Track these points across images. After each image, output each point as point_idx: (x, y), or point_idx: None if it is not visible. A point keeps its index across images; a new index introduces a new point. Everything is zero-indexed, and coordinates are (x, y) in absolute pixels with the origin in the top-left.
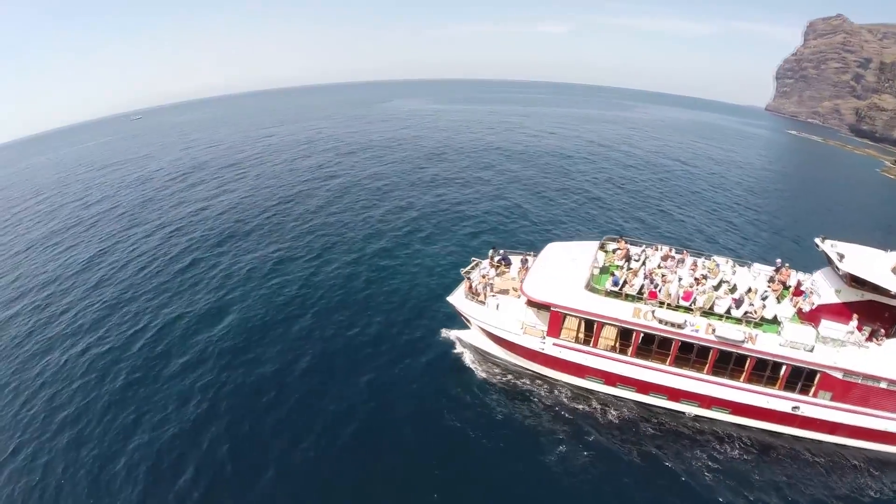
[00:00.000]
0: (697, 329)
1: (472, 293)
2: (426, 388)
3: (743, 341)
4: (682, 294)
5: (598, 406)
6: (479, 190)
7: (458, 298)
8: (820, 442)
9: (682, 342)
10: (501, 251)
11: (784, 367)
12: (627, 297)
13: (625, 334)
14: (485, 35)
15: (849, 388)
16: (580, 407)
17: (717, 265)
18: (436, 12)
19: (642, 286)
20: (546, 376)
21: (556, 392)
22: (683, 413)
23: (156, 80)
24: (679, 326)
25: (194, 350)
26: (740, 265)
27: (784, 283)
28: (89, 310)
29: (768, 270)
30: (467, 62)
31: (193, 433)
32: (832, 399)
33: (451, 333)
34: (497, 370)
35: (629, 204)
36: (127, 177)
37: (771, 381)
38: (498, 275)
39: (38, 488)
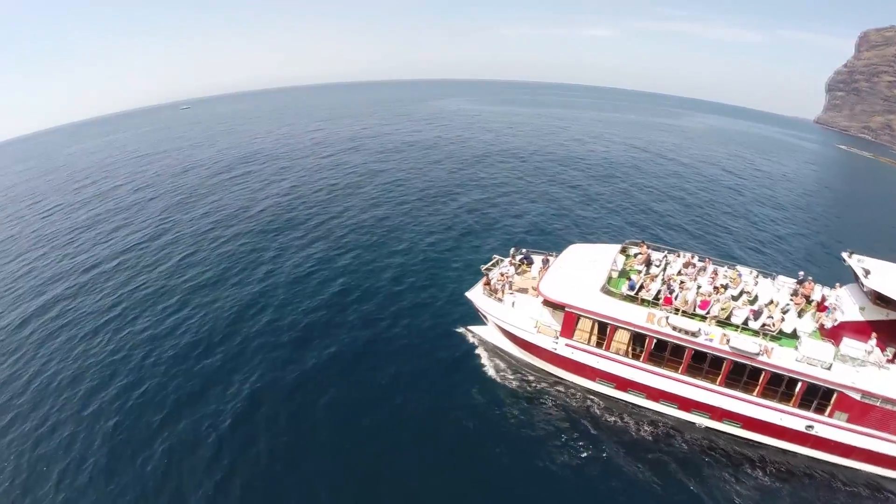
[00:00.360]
0: (711, 338)
1: (491, 290)
2: (450, 386)
3: (758, 354)
4: (699, 302)
5: (632, 421)
6: (523, 192)
7: (476, 294)
8: (855, 470)
9: (696, 351)
10: (524, 250)
11: (799, 384)
12: (643, 301)
13: (638, 339)
14: (531, 37)
15: (866, 411)
16: (610, 419)
17: (740, 275)
18: (482, 13)
19: (659, 291)
20: (559, 377)
21: (584, 400)
22: (694, 424)
23: (202, 72)
24: (693, 334)
25: (233, 337)
26: (764, 276)
27: (807, 297)
28: (135, 292)
29: (793, 283)
30: (513, 64)
31: (227, 418)
32: (848, 421)
33: (471, 329)
34: (517, 371)
35: (672, 210)
36: (174, 165)
37: (785, 397)
38: (519, 273)
39: (73, 463)
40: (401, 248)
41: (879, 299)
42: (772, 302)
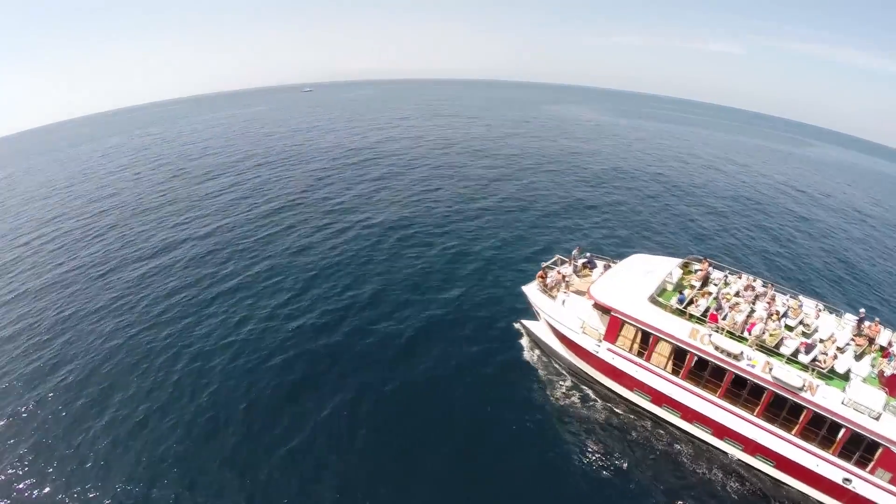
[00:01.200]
0: (754, 364)
1: (545, 286)
2: (489, 375)
3: (801, 388)
4: (747, 325)
5: (662, 439)
6: (635, 208)
7: (531, 289)
8: None
9: (736, 375)
10: (588, 254)
11: (842, 430)
12: (690, 316)
13: (679, 354)
14: (651, 48)
15: None
16: (643, 434)
17: (801, 305)
18: (600, 20)
19: (707, 308)
20: (599, 382)
21: (620, 410)
22: (726, 454)
23: (326, 59)
24: (735, 357)
25: (338, 326)
26: (830, 312)
27: (871, 339)
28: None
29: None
30: (629, 73)
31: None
32: (891, 482)
33: (524, 323)
34: (559, 371)
35: (792, 242)
36: (304, 143)
37: (826, 442)
38: (580, 276)
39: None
40: (491, 244)
41: None
42: (830, 338)
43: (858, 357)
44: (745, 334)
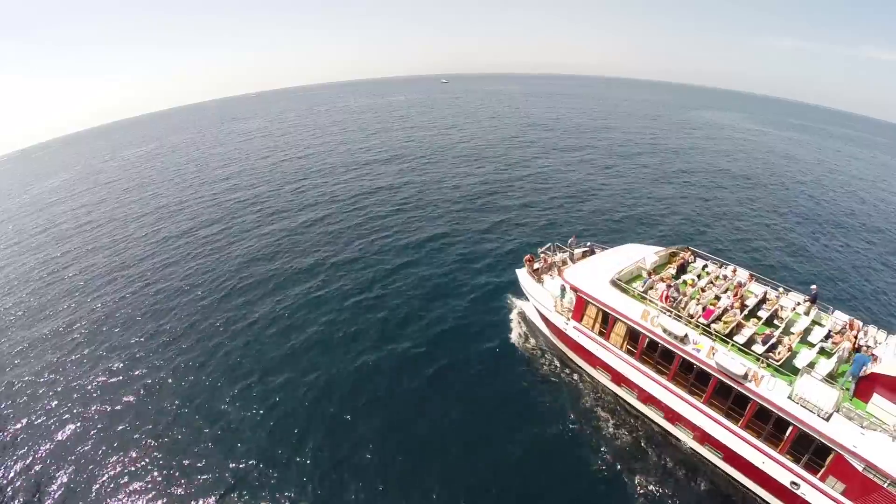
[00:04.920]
0: (699, 348)
1: (532, 269)
2: (478, 348)
3: (743, 377)
4: (701, 311)
5: (619, 419)
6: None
7: (523, 272)
8: None
9: (683, 359)
10: (588, 243)
11: (790, 428)
12: (650, 301)
13: (633, 335)
14: (810, 52)
15: (869, 489)
16: (604, 414)
17: (778, 297)
18: (748, 19)
19: (662, 291)
20: (569, 357)
21: (593, 390)
22: (679, 440)
23: (465, 52)
24: (680, 340)
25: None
26: (822, 309)
27: (854, 339)
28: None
29: (843, 321)
30: (785, 81)
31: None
32: (844, 493)
33: (515, 301)
34: (537, 343)
35: None
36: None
37: (773, 439)
38: (575, 261)
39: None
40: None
41: None
42: (799, 333)
43: (831, 355)
44: (701, 320)
